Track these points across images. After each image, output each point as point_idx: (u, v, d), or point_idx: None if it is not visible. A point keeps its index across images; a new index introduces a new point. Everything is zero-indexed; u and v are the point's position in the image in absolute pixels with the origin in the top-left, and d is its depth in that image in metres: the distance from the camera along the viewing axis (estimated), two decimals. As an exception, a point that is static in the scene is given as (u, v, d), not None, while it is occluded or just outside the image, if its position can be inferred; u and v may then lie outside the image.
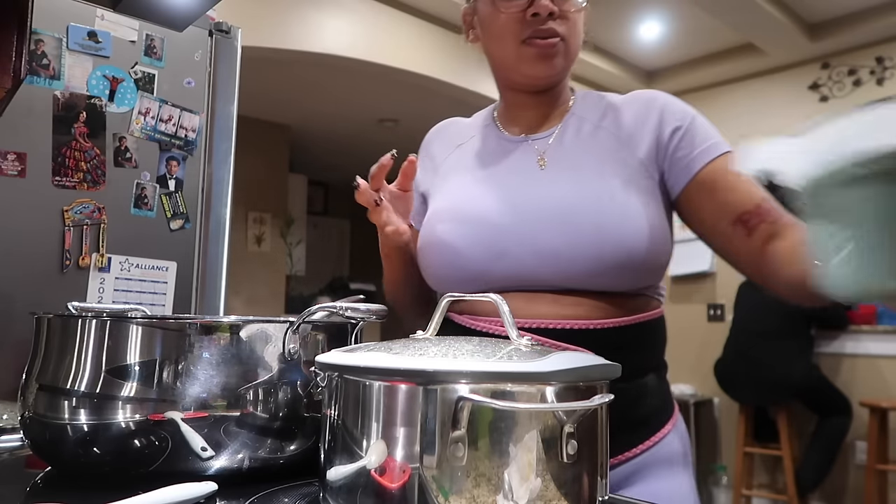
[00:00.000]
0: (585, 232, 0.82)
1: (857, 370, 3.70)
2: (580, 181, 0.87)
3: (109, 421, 0.62)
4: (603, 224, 0.82)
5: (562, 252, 0.83)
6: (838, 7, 3.59)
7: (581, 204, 0.84)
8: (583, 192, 0.86)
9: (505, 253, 0.86)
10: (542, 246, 0.84)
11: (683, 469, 0.88)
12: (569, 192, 0.86)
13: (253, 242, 5.32)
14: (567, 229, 0.83)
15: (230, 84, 1.54)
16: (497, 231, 0.87)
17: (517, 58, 0.90)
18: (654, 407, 0.87)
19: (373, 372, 0.49)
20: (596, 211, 0.83)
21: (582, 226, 0.83)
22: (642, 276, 0.86)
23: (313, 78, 4.51)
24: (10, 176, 1.25)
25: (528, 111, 0.97)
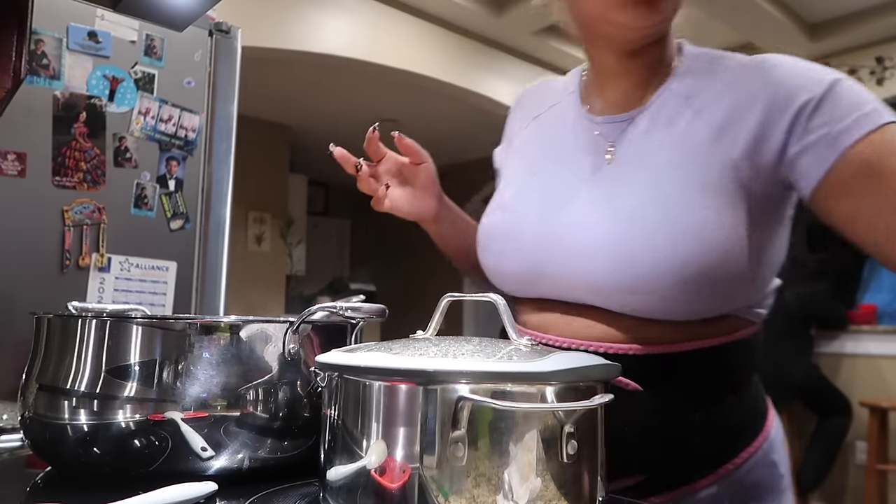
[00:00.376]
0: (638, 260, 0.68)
1: (857, 370, 3.70)
2: (646, 188, 0.70)
3: (109, 421, 0.62)
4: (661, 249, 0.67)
5: (601, 280, 0.70)
6: (838, 7, 3.59)
7: (640, 220, 0.69)
8: (645, 205, 0.69)
9: (540, 271, 0.76)
10: (579, 269, 0.72)
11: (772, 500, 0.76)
12: (629, 202, 0.71)
13: (253, 242, 5.32)
14: (614, 253, 0.69)
15: (230, 84, 1.54)
16: (534, 243, 0.76)
17: (607, 7, 0.71)
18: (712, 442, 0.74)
19: (373, 372, 0.49)
20: (653, 232, 0.68)
21: (634, 251, 0.68)
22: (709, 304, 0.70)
23: (313, 78, 4.51)
24: (10, 176, 1.25)
25: (617, 80, 0.78)
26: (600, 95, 0.81)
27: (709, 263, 0.67)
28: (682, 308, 0.69)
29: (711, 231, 0.67)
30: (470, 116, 5.01)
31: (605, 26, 0.74)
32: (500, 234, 0.81)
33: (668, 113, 0.74)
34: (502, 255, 0.80)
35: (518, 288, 0.80)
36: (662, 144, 0.72)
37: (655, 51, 0.76)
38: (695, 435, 0.72)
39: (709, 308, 0.71)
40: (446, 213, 0.94)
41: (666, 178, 0.70)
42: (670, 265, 0.67)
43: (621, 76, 0.78)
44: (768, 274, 0.75)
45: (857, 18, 3.65)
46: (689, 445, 0.73)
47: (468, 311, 6.38)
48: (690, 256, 0.66)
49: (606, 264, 0.70)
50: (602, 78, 0.81)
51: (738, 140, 0.70)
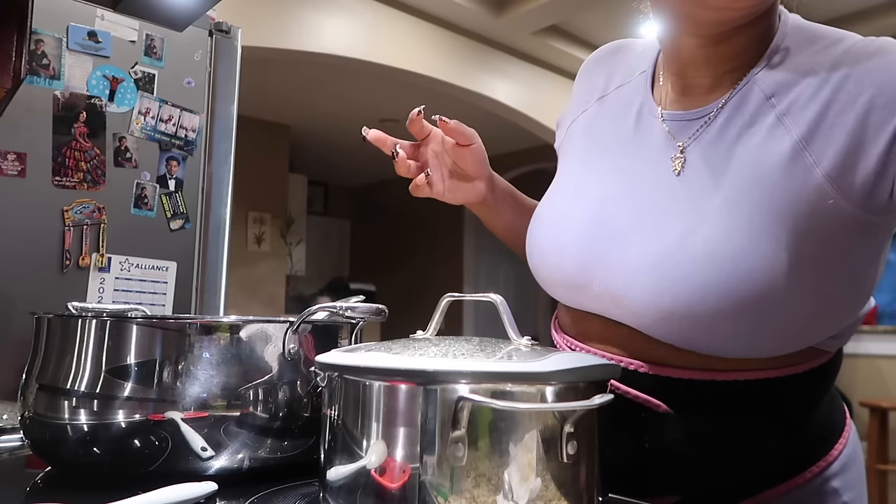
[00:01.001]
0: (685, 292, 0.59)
1: (857, 370, 3.70)
2: (708, 214, 0.60)
3: (109, 421, 0.62)
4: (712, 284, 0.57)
5: (649, 312, 0.62)
6: (838, 7, 3.59)
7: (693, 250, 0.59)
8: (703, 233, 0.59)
9: (584, 285, 0.68)
10: (622, 290, 0.63)
11: None
12: (687, 228, 0.60)
13: (253, 242, 5.32)
14: (660, 280, 0.60)
15: (230, 84, 1.54)
16: (580, 256, 0.68)
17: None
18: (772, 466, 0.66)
19: (373, 372, 0.49)
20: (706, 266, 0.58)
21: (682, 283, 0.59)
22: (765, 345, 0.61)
23: (313, 78, 4.51)
24: (10, 176, 1.25)
25: (699, 70, 0.66)
26: (674, 84, 0.69)
27: (774, 300, 0.57)
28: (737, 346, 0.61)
29: (782, 267, 0.56)
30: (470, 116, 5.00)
31: (695, 8, 0.60)
32: (546, 239, 0.73)
33: (748, 114, 0.62)
34: (547, 263, 0.73)
35: (563, 297, 0.74)
36: (736, 160, 0.61)
37: (751, 33, 0.62)
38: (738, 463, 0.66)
39: (772, 348, 0.62)
40: (494, 195, 0.84)
41: (738, 203, 0.59)
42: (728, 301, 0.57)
43: (703, 65, 0.66)
44: (856, 305, 0.64)
45: (857, 18, 3.65)
46: (727, 474, 0.66)
47: (468, 311, 6.39)
48: (752, 292, 0.57)
49: (658, 292, 0.61)
50: (679, 66, 0.68)
51: (827, 152, 0.57)
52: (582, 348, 0.71)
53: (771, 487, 0.66)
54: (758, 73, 0.63)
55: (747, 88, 0.63)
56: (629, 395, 0.65)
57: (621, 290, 0.64)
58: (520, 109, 4.54)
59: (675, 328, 0.61)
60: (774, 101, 0.61)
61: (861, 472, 0.72)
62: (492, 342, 0.55)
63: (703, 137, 0.64)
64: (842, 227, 0.58)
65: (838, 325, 0.64)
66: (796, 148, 0.58)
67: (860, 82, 0.57)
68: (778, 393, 0.64)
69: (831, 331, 0.64)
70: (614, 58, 0.81)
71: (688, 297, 0.59)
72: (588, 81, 0.82)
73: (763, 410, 0.64)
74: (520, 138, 5.27)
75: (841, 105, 0.57)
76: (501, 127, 5.01)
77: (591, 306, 0.69)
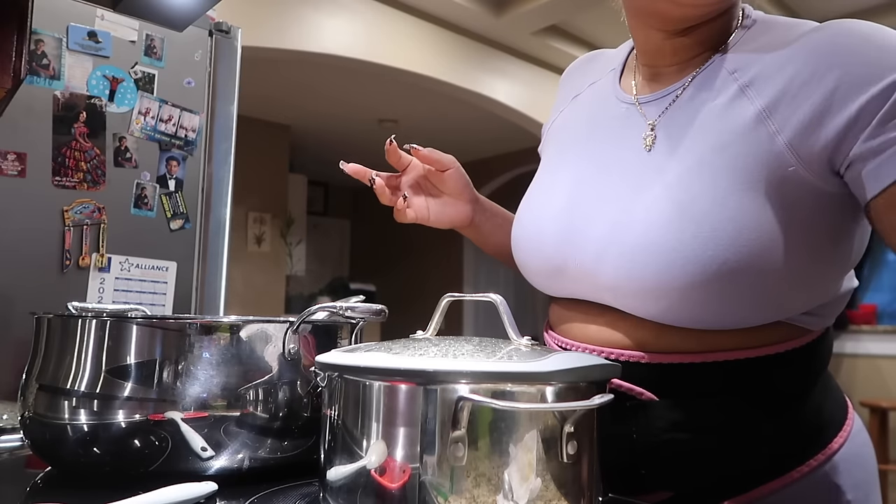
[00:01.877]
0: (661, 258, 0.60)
1: (857, 370, 3.70)
2: (678, 180, 0.62)
3: (109, 421, 0.62)
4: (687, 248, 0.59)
5: (621, 279, 0.63)
6: (838, 7, 3.59)
7: (667, 216, 0.61)
8: (674, 200, 0.61)
9: (562, 268, 0.70)
10: (599, 266, 0.65)
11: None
12: (656, 196, 0.62)
13: (253, 242, 5.32)
14: (636, 250, 0.62)
15: (230, 84, 1.54)
16: (556, 238, 0.70)
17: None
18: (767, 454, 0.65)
19: (373, 372, 0.49)
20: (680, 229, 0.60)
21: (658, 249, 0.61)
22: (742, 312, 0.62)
23: (313, 78, 4.51)
24: (10, 176, 1.25)
25: (666, 58, 0.70)
26: (643, 74, 0.73)
27: (740, 265, 0.58)
28: (712, 315, 0.62)
29: (745, 230, 0.58)
30: (470, 116, 5.01)
31: (662, 3, 0.64)
32: (525, 227, 0.76)
33: (712, 87, 0.65)
34: (527, 251, 0.75)
35: (544, 285, 0.75)
36: (702, 127, 0.63)
37: (714, 25, 0.66)
38: (726, 455, 0.65)
39: (747, 315, 0.62)
40: (482, 216, 0.87)
41: (701, 169, 0.61)
42: (695, 265, 0.59)
43: (670, 54, 0.70)
44: (828, 278, 0.65)
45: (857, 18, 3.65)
46: (720, 466, 0.65)
47: (468, 311, 6.39)
48: (718, 256, 0.58)
49: (628, 265, 0.63)
50: (648, 57, 0.72)
51: (791, 121, 0.59)
52: (568, 344, 0.71)
53: (766, 482, 0.65)
54: (723, 55, 0.66)
55: (712, 67, 0.66)
56: (611, 384, 0.63)
57: (592, 265, 0.66)
58: (520, 109, 4.54)
59: (650, 298, 0.62)
60: (738, 76, 0.64)
61: (871, 473, 0.70)
62: (492, 342, 0.55)
63: (668, 113, 0.67)
64: (805, 196, 0.60)
65: (814, 297, 0.64)
66: (759, 116, 0.60)
67: (828, 59, 0.59)
68: (762, 374, 0.64)
69: (804, 304, 0.64)
70: (589, 64, 0.86)
71: (656, 264, 0.60)
72: (565, 88, 0.87)
73: (748, 393, 0.64)
74: (520, 138, 5.28)
75: (805, 79, 0.59)
76: (501, 127, 5.02)
77: (570, 291, 0.71)
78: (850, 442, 0.68)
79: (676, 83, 0.68)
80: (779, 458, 0.65)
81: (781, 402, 0.66)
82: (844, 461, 0.67)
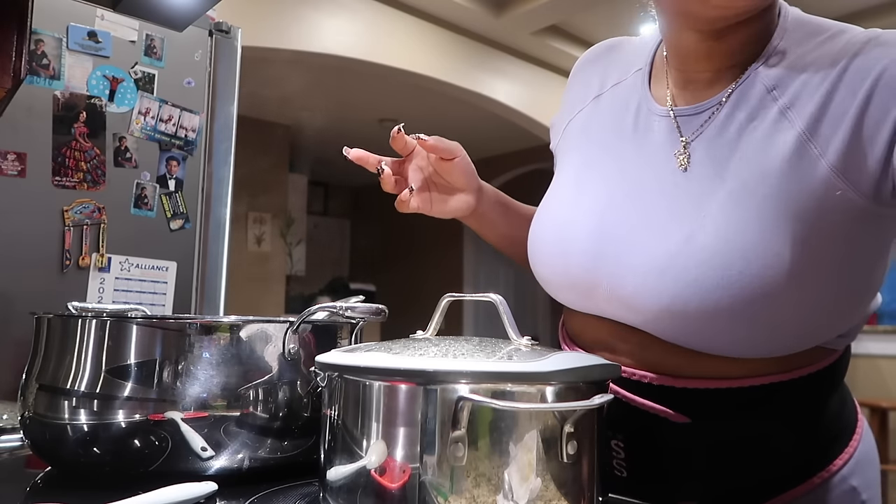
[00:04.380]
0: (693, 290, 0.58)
1: (857, 370, 3.70)
2: (716, 210, 0.59)
3: (109, 421, 0.62)
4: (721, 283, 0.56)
5: (661, 315, 0.61)
6: (838, 7, 3.59)
7: (702, 247, 0.58)
8: (711, 229, 0.58)
9: (591, 288, 0.66)
10: (636, 298, 0.62)
11: None
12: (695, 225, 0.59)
13: (253, 242, 5.32)
14: (669, 279, 0.59)
15: (230, 84, 1.54)
16: (585, 258, 0.66)
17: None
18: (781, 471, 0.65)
19: (373, 372, 0.49)
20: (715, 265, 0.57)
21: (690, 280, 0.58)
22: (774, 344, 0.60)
23: (313, 78, 4.51)
24: (10, 176, 1.25)
25: (700, 63, 0.65)
26: (674, 79, 0.68)
27: (788, 300, 0.57)
28: (748, 347, 0.60)
29: (793, 265, 0.56)
30: (470, 116, 5.01)
31: (693, 5, 0.60)
32: (550, 243, 0.72)
33: (751, 108, 0.61)
34: (551, 267, 0.72)
35: (570, 301, 0.72)
36: (740, 152, 0.60)
37: (752, 27, 0.62)
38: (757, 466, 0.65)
39: (784, 345, 0.61)
40: (486, 205, 0.83)
41: (743, 198, 0.58)
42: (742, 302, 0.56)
43: (705, 58, 0.65)
44: (863, 302, 0.64)
45: (857, 18, 3.65)
46: (744, 477, 0.66)
47: (468, 311, 6.39)
48: (767, 293, 0.56)
49: (668, 297, 0.60)
50: (680, 60, 0.67)
51: (832, 142, 0.56)
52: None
53: (787, 490, 0.65)
54: (759, 67, 0.62)
55: (749, 82, 0.62)
56: (645, 406, 0.64)
57: (630, 294, 0.63)
58: (520, 109, 4.54)
59: (691, 329, 0.60)
60: (777, 94, 0.60)
61: (876, 470, 0.71)
62: (492, 342, 0.55)
63: (706, 133, 0.63)
64: (850, 220, 0.57)
65: (849, 321, 0.63)
66: (801, 140, 0.57)
67: (860, 73, 0.56)
68: (790, 396, 0.63)
69: (842, 327, 0.63)
70: (608, 56, 0.80)
71: (699, 298, 0.58)
72: (582, 81, 0.81)
73: (776, 415, 0.64)
74: (520, 138, 5.27)
75: (842, 96, 0.57)
76: (501, 127, 5.01)
77: (599, 310, 0.68)
78: (863, 443, 0.69)
79: (713, 98, 0.64)
80: (802, 466, 0.65)
81: (807, 418, 0.65)
82: (859, 462, 0.67)
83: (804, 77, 0.59)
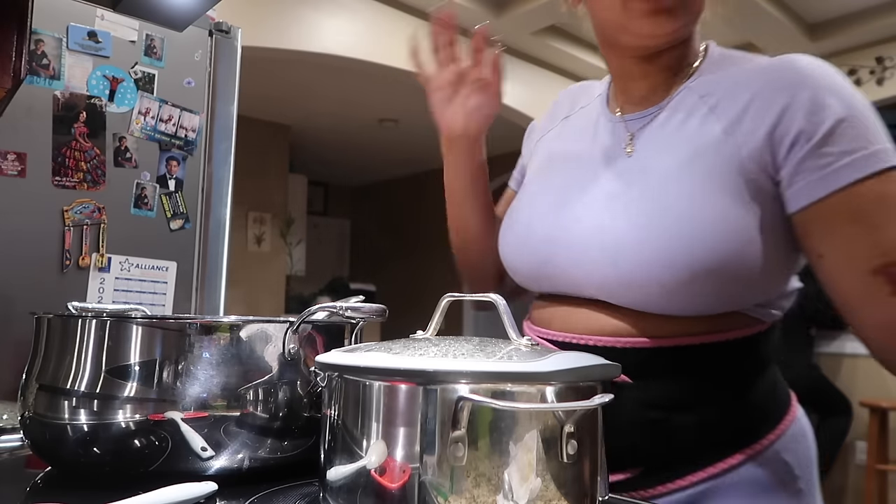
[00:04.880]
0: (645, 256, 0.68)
1: (857, 370, 3.70)
2: (658, 184, 0.70)
3: (109, 421, 0.62)
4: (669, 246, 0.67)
5: (606, 274, 0.71)
6: (838, 7, 3.59)
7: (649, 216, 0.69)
8: (656, 201, 0.69)
9: (547, 265, 0.77)
10: (584, 263, 0.73)
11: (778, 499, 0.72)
12: (640, 198, 0.71)
13: (253, 242, 5.32)
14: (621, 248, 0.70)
15: (230, 84, 1.54)
16: (543, 237, 0.78)
17: (625, 16, 0.72)
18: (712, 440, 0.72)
19: (373, 372, 0.49)
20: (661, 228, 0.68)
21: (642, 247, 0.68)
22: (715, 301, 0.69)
23: (313, 78, 4.51)
24: (10, 176, 1.25)
25: (636, 82, 0.80)
26: (622, 96, 0.82)
27: (716, 261, 0.66)
28: (686, 304, 0.69)
29: (720, 229, 0.66)
30: (470, 116, 4.99)
31: (624, 36, 0.75)
32: (514, 227, 0.83)
33: (686, 109, 0.74)
34: (515, 247, 0.83)
35: (528, 282, 0.83)
36: (678, 139, 0.73)
37: (675, 53, 0.77)
38: (691, 431, 0.72)
39: (715, 305, 0.70)
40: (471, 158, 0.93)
41: (678, 174, 0.70)
42: (676, 262, 0.66)
43: (640, 78, 0.79)
44: (782, 276, 0.73)
45: (857, 18, 3.65)
46: (686, 441, 0.72)
47: (468, 311, 6.38)
48: (698, 253, 0.66)
49: (611, 259, 0.70)
50: (622, 81, 0.82)
51: (749, 139, 0.68)
52: (549, 335, 0.78)
53: (726, 457, 0.71)
54: (691, 83, 0.76)
55: (684, 94, 0.76)
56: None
57: (577, 260, 0.74)
58: (520, 109, 4.53)
59: (632, 291, 0.70)
60: (707, 99, 0.73)
61: (810, 453, 0.78)
62: (492, 342, 0.55)
63: (649, 128, 0.77)
64: (767, 200, 0.68)
65: (764, 293, 0.73)
66: (726, 131, 0.70)
67: (777, 88, 0.69)
68: (723, 358, 0.72)
69: (758, 297, 0.72)
70: (579, 90, 0.95)
71: (639, 262, 0.68)
72: (557, 106, 0.96)
73: (712, 374, 0.72)
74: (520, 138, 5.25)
75: (760, 104, 0.69)
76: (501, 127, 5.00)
77: (554, 285, 0.78)
78: (795, 425, 0.77)
79: (654, 106, 0.78)
80: (738, 433, 0.72)
81: (740, 384, 0.74)
82: (791, 440, 0.75)
83: (726, 88, 0.73)
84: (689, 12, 0.72)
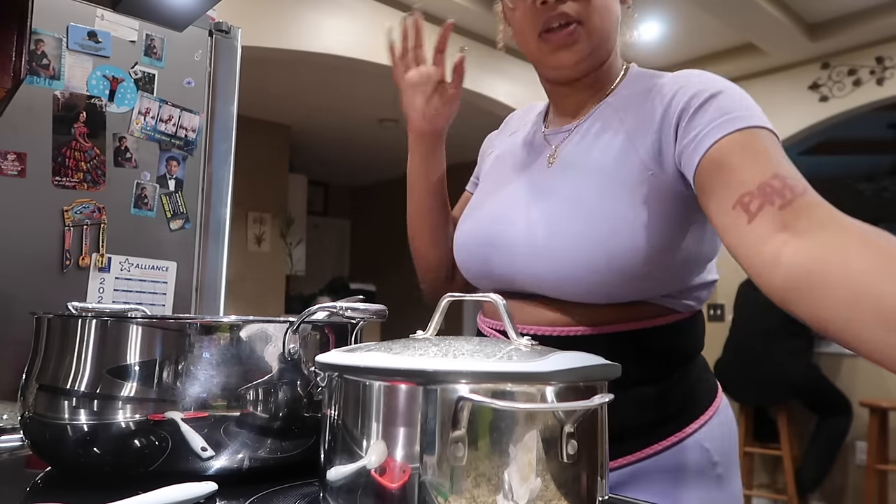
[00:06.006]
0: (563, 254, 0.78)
1: (857, 370, 3.70)
2: (572, 189, 0.81)
3: (109, 421, 0.62)
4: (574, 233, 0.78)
5: (536, 272, 0.81)
6: (838, 7, 3.59)
7: (564, 217, 0.80)
8: (569, 204, 0.80)
9: (489, 265, 0.87)
10: (518, 263, 0.83)
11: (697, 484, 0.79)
12: (557, 202, 0.82)
13: (253, 242, 5.32)
14: (543, 247, 0.80)
15: (230, 84, 1.54)
16: (483, 242, 0.88)
17: (538, 52, 0.86)
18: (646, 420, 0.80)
19: (373, 372, 0.49)
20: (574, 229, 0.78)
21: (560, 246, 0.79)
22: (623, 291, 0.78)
23: (313, 78, 4.51)
24: (10, 176, 1.25)
25: (566, 100, 0.92)
26: (554, 113, 0.95)
27: (627, 256, 0.75)
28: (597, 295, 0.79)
29: (626, 227, 0.76)
30: (470, 116, 5.01)
31: (543, 69, 0.89)
32: (462, 231, 0.94)
33: (602, 123, 0.85)
34: (461, 250, 0.93)
35: (475, 280, 0.92)
36: (592, 149, 0.83)
37: (594, 75, 0.88)
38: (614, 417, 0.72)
39: (622, 294, 0.79)
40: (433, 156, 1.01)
41: (589, 179, 0.81)
42: (580, 259, 0.77)
43: (567, 97, 0.91)
44: (690, 267, 0.82)
45: (857, 18, 3.65)
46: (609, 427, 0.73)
47: (468, 311, 6.39)
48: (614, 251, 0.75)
49: (536, 258, 0.81)
50: (553, 100, 0.95)
51: (646, 142, 0.79)
52: (496, 325, 0.88)
53: (650, 444, 0.79)
54: (609, 98, 0.88)
55: (602, 108, 0.88)
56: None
57: (509, 260, 0.84)
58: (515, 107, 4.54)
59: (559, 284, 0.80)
60: (619, 112, 0.85)
61: (732, 444, 0.85)
62: (492, 342, 0.55)
63: (568, 141, 0.88)
64: (667, 195, 0.77)
65: (669, 285, 0.81)
66: (627, 138, 0.81)
67: (662, 96, 0.80)
68: (641, 344, 0.80)
69: (662, 289, 0.81)
70: (528, 109, 1.06)
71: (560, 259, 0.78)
72: (508, 123, 1.09)
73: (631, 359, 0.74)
74: (520, 138, 5.26)
75: (651, 110, 0.80)
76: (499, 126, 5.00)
77: (496, 282, 0.87)
78: (718, 416, 0.84)
79: (576, 121, 0.89)
80: (661, 421, 0.80)
81: (662, 372, 0.82)
82: (714, 429, 0.82)
83: (633, 102, 0.84)
84: (590, 42, 0.83)
